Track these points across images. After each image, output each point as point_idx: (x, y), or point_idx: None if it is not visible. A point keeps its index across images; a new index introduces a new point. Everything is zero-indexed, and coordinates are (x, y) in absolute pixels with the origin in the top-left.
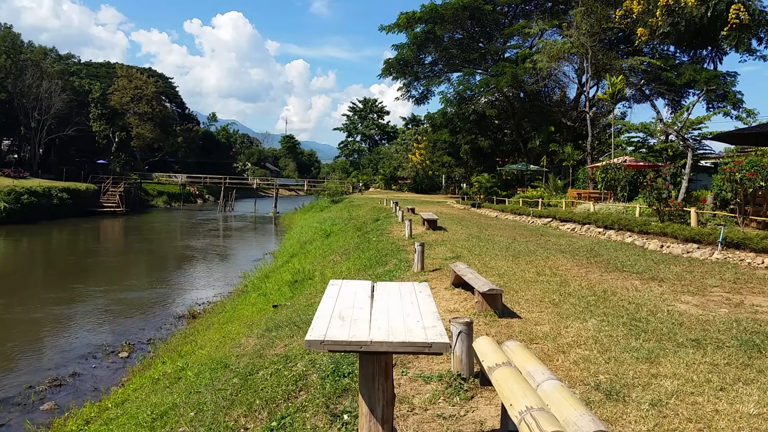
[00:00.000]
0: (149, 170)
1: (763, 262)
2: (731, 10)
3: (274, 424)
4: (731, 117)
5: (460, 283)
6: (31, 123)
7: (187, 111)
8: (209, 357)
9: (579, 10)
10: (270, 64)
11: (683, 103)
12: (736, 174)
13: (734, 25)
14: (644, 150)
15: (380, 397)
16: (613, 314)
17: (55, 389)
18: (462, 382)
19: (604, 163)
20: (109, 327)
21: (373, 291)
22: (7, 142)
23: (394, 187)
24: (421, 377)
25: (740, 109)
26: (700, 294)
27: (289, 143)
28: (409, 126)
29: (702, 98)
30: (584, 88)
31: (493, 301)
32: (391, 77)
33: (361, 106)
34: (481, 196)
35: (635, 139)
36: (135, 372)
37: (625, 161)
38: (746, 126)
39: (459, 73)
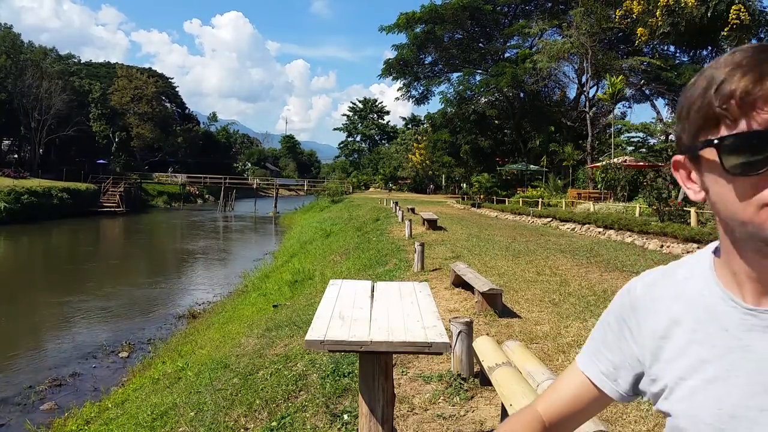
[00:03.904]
0: (149, 170)
1: None
2: (732, 10)
3: (274, 424)
4: None
5: (460, 283)
6: (31, 123)
7: (187, 111)
8: (209, 357)
9: (579, 10)
10: (270, 64)
11: None
12: None
13: (734, 26)
14: (644, 150)
15: (380, 397)
16: None
17: (55, 389)
18: (462, 382)
19: (604, 163)
20: (109, 327)
21: (373, 291)
22: (7, 142)
23: (394, 188)
24: (421, 377)
25: None
26: None
27: (289, 143)
28: (409, 126)
29: None
30: (584, 88)
31: (493, 300)
32: (391, 77)
33: (361, 106)
34: (481, 196)
35: (635, 139)
36: (135, 372)
37: (625, 161)
38: None
39: (459, 73)
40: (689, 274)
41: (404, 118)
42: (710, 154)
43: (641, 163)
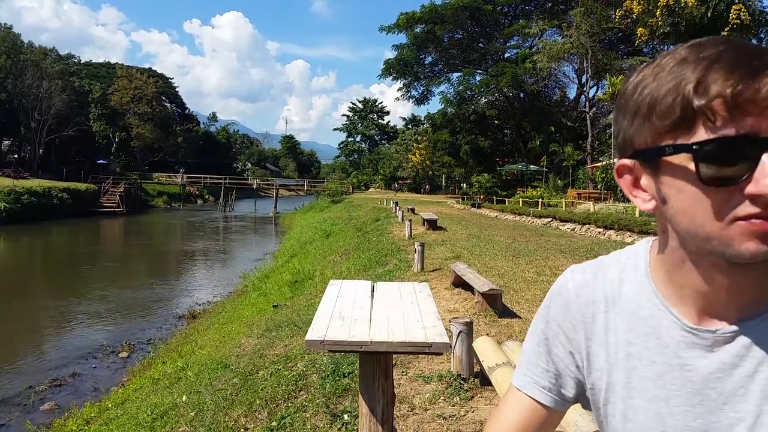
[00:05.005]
0: (149, 170)
1: None
2: (732, 10)
3: (274, 424)
4: None
5: (460, 283)
6: (31, 123)
7: (187, 111)
8: (209, 357)
9: (579, 10)
10: (270, 64)
11: None
12: None
13: (735, 26)
14: None
15: (380, 397)
16: None
17: (55, 389)
18: (462, 382)
19: (604, 163)
20: (109, 327)
21: (373, 291)
22: (7, 142)
23: (397, 187)
24: (421, 377)
25: None
26: None
27: (289, 143)
28: (409, 126)
29: None
30: (584, 88)
31: (493, 301)
32: (391, 77)
33: (361, 106)
34: (481, 196)
35: None
36: (135, 372)
37: None
38: None
39: (459, 74)
40: (621, 275)
41: (404, 119)
42: (680, 159)
43: None
